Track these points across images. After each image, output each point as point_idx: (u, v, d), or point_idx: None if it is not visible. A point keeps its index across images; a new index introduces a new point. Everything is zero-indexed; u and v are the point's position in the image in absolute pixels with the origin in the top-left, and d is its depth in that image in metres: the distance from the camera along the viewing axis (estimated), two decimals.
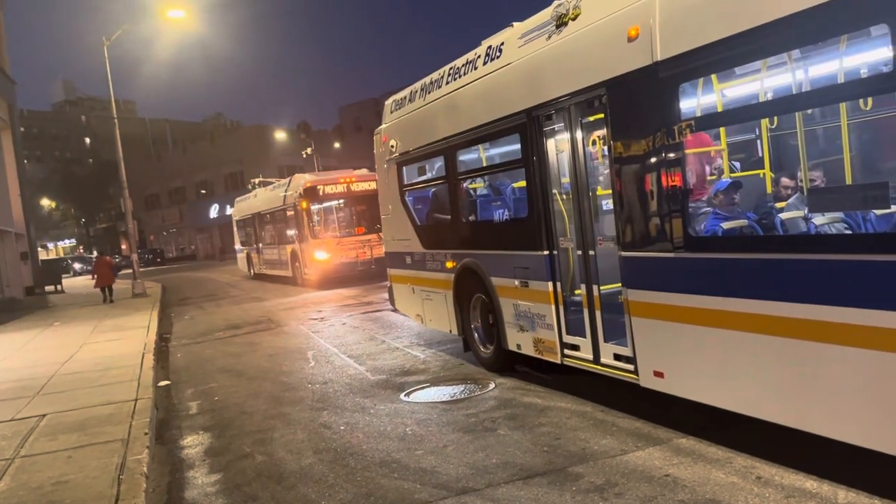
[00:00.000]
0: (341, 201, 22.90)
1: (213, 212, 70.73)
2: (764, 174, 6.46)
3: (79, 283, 42.93)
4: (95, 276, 24.81)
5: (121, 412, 7.68)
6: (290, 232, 24.17)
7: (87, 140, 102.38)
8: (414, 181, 9.76)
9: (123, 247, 63.17)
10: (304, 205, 22.20)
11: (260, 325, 15.21)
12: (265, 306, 19.12)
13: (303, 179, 23.33)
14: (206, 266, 53.60)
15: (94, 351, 12.58)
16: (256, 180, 42.95)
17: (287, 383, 9.13)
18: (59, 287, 31.85)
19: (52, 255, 70.86)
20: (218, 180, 71.88)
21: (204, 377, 10.22)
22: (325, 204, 22.77)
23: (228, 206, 66.33)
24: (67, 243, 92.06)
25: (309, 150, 52.05)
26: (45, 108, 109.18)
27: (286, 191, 24.36)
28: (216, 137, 78.04)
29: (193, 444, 6.95)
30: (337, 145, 65.95)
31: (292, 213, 23.55)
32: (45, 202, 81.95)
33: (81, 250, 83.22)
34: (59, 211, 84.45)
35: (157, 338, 13.99)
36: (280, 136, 66.04)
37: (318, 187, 22.36)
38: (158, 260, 66.13)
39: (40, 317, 20.77)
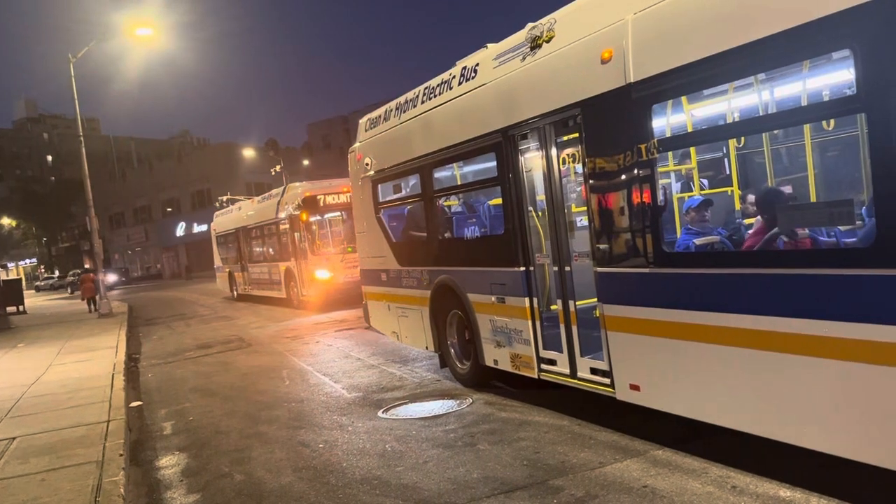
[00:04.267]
0: (343, 213, 19.86)
1: (180, 230, 69.89)
2: (732, 191, 6.67)
3: (38, 301, 42.05)
4: (82, 289, 29.26)
5: (93, 434, 7.56)
6: (285, 248, 21.72)
7: (49, 158, 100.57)
8: (389, 199, 9.82)
9: (87, 266, 62.20)
10: (303, 217, 19.70)
11: (231, 345, 15.07)
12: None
13: (300, 188, 20.98)
14: (172, 285, 52.83)
15: (62, 372, 12.34)
16: (224, 198, 42.47)
17: (262, 402, 9.07)
18: (21, 308, 31.12)
19: (13, 275, 69.33)
20: (185, 198, 71.09)
21: (176, 397, 10.10)
22: (327, 216, 20.16)
23: (196, 225, 66.05)
24: (29, 263, 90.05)
25: (278, 168, 51.85)
26: (7, 126, 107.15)
27: (280, 202, 21.90)
28: (183, 155, 77.28)
29: (170, 464, 6.88)
30: (306, 162, 65.72)
31: (287, 226, 21.07)
32: (6, 221, 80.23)
33: (42, 270, 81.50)
34: (19, 230, 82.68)
35: (126, 358, 13.78)
36: (248, 153, 65.61)
37: (319, 197, 19.84)
38: (123, 279, 64.98)
39: (3, 338, 20.28)
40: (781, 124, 5.37)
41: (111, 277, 59.72)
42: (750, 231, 5.33)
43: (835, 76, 4.82)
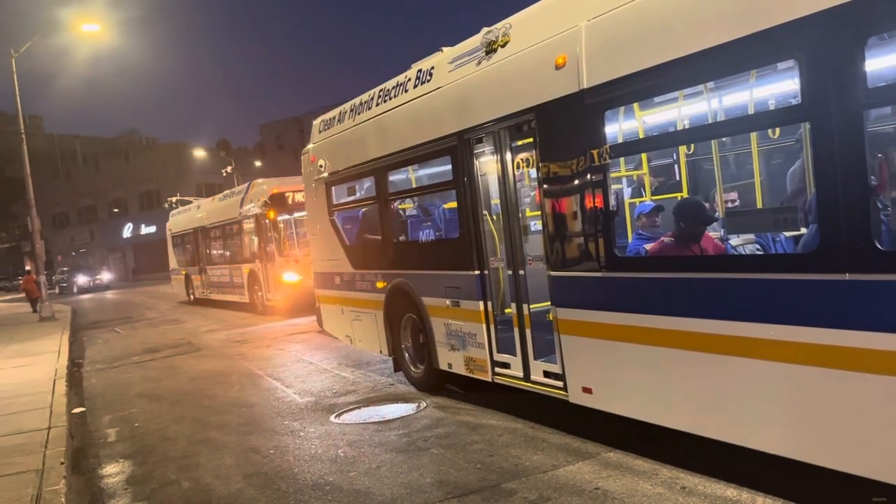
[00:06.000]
0: None
1: (127, 231, 68.21)
2: (682, 197, 6.79)
3: None
4: (24, 292, 28.70)
5: (33, 441, 7.29)
6: (249, 249, 20.56)
7: None
8: (343, 201, 9.74)
9: (28, 267, 60.02)
10: (271, 215, 18.56)
11: (179, 349, 14.74)
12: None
13: (266, 185, 19.61)
14: (119, 288, 51.40)
15: (0, 378, 11.89)
16: (174, 199, 41.48)
17: (211, 407, 8.89)
18: None
19: None
20: (132, 199, 69.41)
21: (122, 403, 9.82)
22: (295, 214, 18.59)
23: (144, 226, 64.48)
24: None
25: (229, 169, 51.00)
26: None
27: (243, 200, 20.74)
28: (131, 155, 75.39)
29: (114, 472, 6.68)
30: (258, 164, 64.80)
31: (252, 226, 19.95)
32: None
33: None
34: None
35: (68, 363, 13.35)
36: (199, 153, 64.38)
37: (287, 194, 18.58)
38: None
39: None
40: (730, 132, 5.49)
41: (105, 276, 53.38)
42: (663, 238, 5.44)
43: (780, 86, 4.96)
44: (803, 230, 4.66)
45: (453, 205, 7.62)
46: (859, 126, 3.60)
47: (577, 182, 5.46)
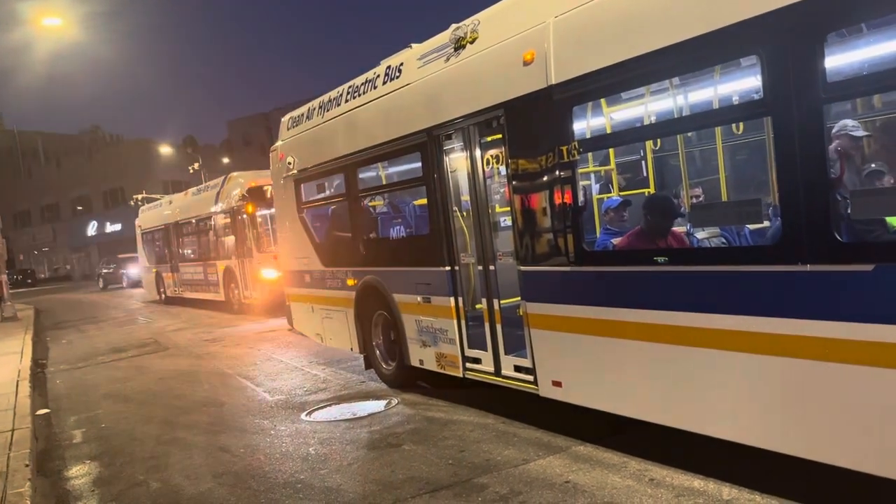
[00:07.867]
0: None
1: (92, 229, 67.01)
2: (649, 192, 6.89)
3: None
4: None
5: None
6: (225, 245, 19.77)
7: None
8: (313, 198, 9.68)
9: None
10: (249, 210, 18.01)
11: (146, 348, 14.53)
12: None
13: (243, 179, 19.01)
14: (83, 287, 50.41)
15: None
16: (139, 197, 40.75)
17: (180, 407, 8.78)
18: None
19: None
20: (96, 197, 68.21)
21: (87, 404, 9.65)
22: (273, 210, 17.85)
23: (108, 224, 63.42)
24: None
25: (196, 166, 50.35)
26: None
27: (219, 194, 19.99)
28: (94, 152, 74.04)
29: (80, 474, 6.57)
30: (226, 160, 64.04)
31: (228, 220, 19.24)
32: None
33: None
34: None
35: (32, 364, 13.07)
36: (165, 150, 63.39)
37: (265, 188, 17.64)
38: (29, 281, 61.51)
39: None
40: (695, 126, 5.58)
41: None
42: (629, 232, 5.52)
43: (744, 82, 5.05)
44: (766, 223, 4.75)
45: (423, 201, 7.62)
46: (819, 120, 3.68)
47: (545, 177, 5.50)
